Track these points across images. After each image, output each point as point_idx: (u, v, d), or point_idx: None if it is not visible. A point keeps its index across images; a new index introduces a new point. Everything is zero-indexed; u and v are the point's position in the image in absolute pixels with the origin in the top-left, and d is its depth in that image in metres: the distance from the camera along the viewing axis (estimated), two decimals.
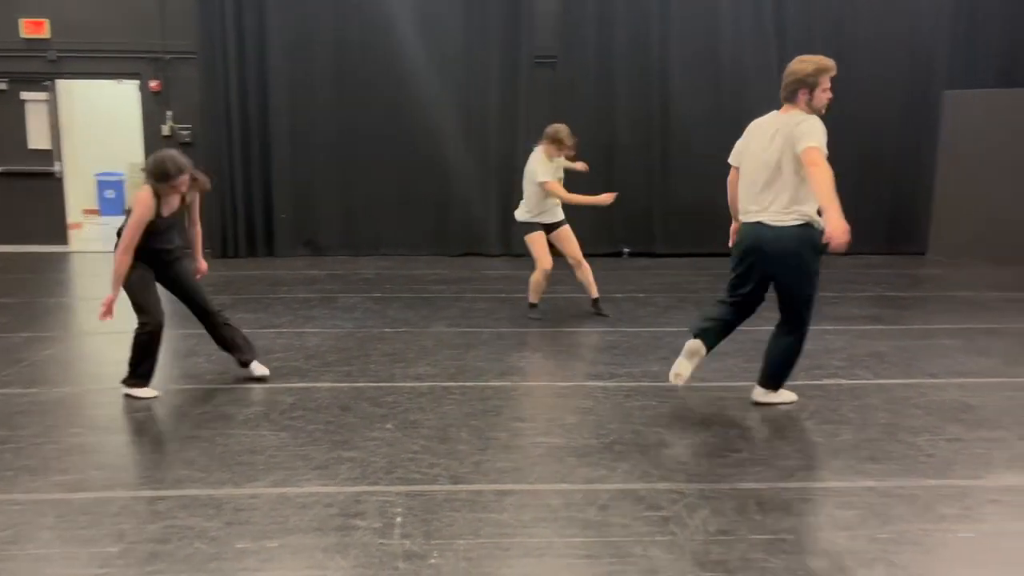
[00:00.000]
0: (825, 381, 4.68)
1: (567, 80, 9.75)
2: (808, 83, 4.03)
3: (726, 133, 9.69)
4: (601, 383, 4.66)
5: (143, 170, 4.47)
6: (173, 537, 2.82)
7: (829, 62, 4.07)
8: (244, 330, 5.85)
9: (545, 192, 6.10)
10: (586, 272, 6.37)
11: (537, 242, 6.20)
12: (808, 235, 3.93)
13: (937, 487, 3.26)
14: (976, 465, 3.49)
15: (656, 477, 3.35)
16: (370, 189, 9.77)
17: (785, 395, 4.29)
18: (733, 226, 4.44)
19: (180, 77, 9.76)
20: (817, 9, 9.78)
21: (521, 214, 6.32)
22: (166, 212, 4.36)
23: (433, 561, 2.67)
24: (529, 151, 6.46)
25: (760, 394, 4.26)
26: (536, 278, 6.25)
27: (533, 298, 6.37)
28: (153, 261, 4.45)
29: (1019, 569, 2.65)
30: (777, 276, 4.05)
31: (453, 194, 9.80)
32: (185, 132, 9.82)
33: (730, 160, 4.41)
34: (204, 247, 4.94)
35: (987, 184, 9.27)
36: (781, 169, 3.98)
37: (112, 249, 4.40)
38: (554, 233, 6.31)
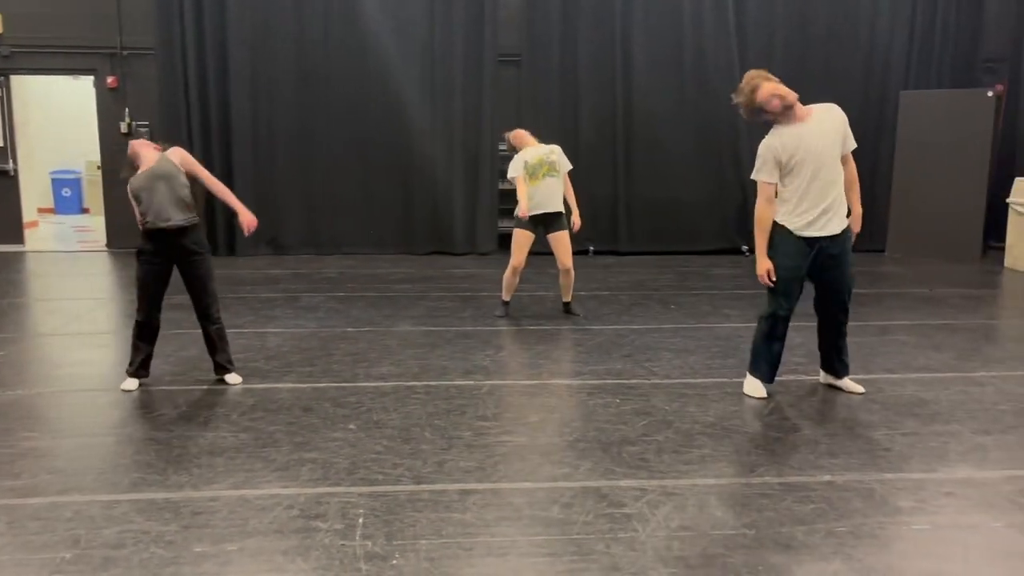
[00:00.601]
0: (786, 377, 4.73)
1: (532, 79, 9.76)
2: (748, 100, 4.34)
3: (687, 133, 9.91)
4: (565, 381, 4.67)
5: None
6: (128, 542, 2.77)
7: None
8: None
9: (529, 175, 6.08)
10: (569, 282, 6.31)
11: (519, 238, 6.11)
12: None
13: (893, 481, 3.32)
14: (931, 459, 3.56)
15: (619, 474, 3.37)
16: (333, 187, 9.69)
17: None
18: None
19: (138, 73, 9.60)
20: (778, 10, 9.91)
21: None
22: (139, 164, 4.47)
23: (395, 562, 2.66)
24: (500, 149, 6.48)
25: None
26: (506, 274, 6.22)
27: (506, 295, 6.36)
28: (164, 246, 4.49)
29: (973, 560, 2.71)
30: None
31: (418, 192, 9.76)
32: (143, 129, 9.66)
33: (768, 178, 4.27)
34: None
35: (942, 183, 9.46)
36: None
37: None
38: (552, 233, 6.16)
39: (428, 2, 9.55)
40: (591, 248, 9.97)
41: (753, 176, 4.23)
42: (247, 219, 4.80)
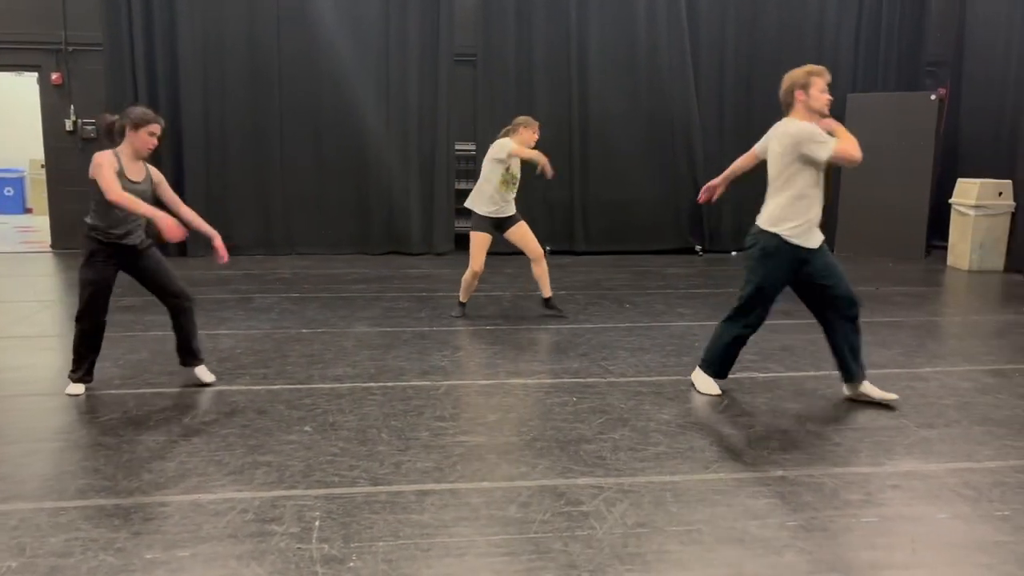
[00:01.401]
0: (739, 375, 4.81)
1: (487, 78, 9.77)
2: (800, 83, 4.18)
3: (641, 130, 10.01)
4: (522, 380, 4.68)
5: (113, 123, 4.33)
6: (76, 550, 2.70)
7: (817, 68, 4.25)
8: (155, 332, 5.69)
9: (505, 173, 6.04)
10: (544, 270, 6.24)
11: (478, 241, 6.08)
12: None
13: (842, 474, 3.39)
14: (878, 453, 3.65)
15: (576, 472, 3.39)
16: (287, 187, 9.57)
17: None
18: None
19: (84, 70, 9.37)
20: (729, 12, 10.06)
21: (473, 201, 6.17)
22: (133, 175, 4.25)
23: (352, 564, 2.64)
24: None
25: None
26: (466, 277, 6.19)
27: (463, 296, 6.34)
28: (119, 255, 4.34)
29: (919, 551, 2.78)
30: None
31: (373, 192, 9.70)
32: (90, 127, 9.44)
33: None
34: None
35: (888, 184, 9.71)
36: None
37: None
38: (510, 230, 6.15)
39: (383, 1, 9.49)
40: (547, 248, 9.99)
41: (825, 152, 4.12)
42: (222, 248, 4.59)
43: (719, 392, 4.43)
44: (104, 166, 4.08)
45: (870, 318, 6.40)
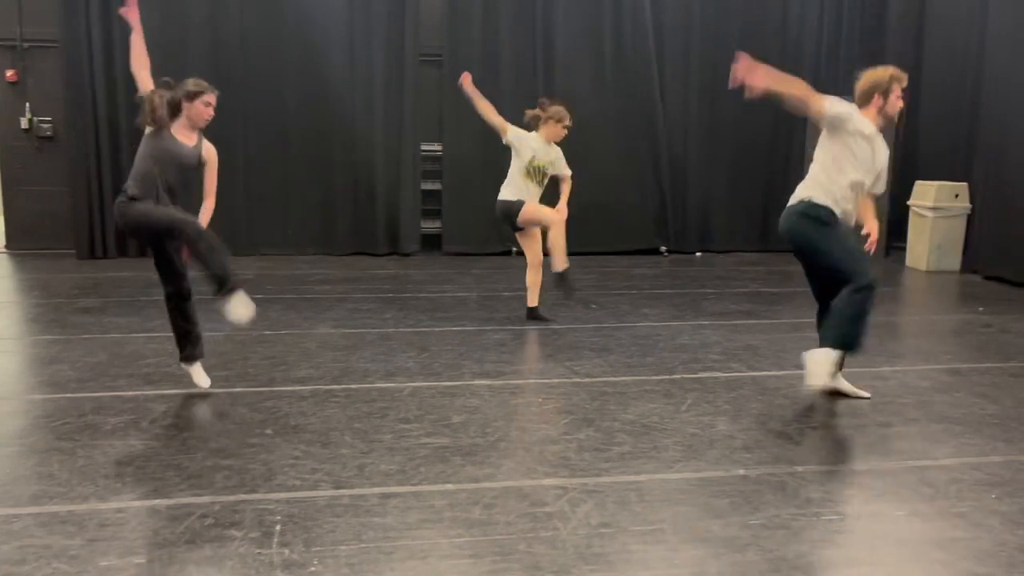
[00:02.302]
0: (702, 374, 4.84)
1: (453, 78, 9.72)
2: (883, 88, 4.23)
3: (607, 131, 10.04)
4: (487, 381, 4.67)
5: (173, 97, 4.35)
6: (30, 558, 2.63)
7: (899, 72, 4.32)
8: (113, 335, 5.58)
9: (528, 167, 6.04)
10: (536, 280, 6.21)
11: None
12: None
13: (803, 473, 3.43)
14: (839, 451, 3.70)
15: (541, 473, 3.38)
16: (250, 187, 9.45)
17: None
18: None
19: (40, 67, 9.18)
20: (694, 10, 10.14)
21: (504, 192, 6.11)
22: (184, 139, 4.32)
23: (313, 569, 2.60)
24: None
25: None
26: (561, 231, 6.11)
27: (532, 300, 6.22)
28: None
29: (879, 547, 2.82)
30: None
31: (339, 192, 9.62)
32: (46, 125, 9.25)
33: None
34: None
35: None
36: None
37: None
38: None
39: (348, 1, 9.42)
40: (514, 249, 9.99)
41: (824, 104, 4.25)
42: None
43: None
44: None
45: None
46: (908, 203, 9.40)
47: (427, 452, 3.60)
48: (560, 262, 5.98)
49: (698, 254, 10.10)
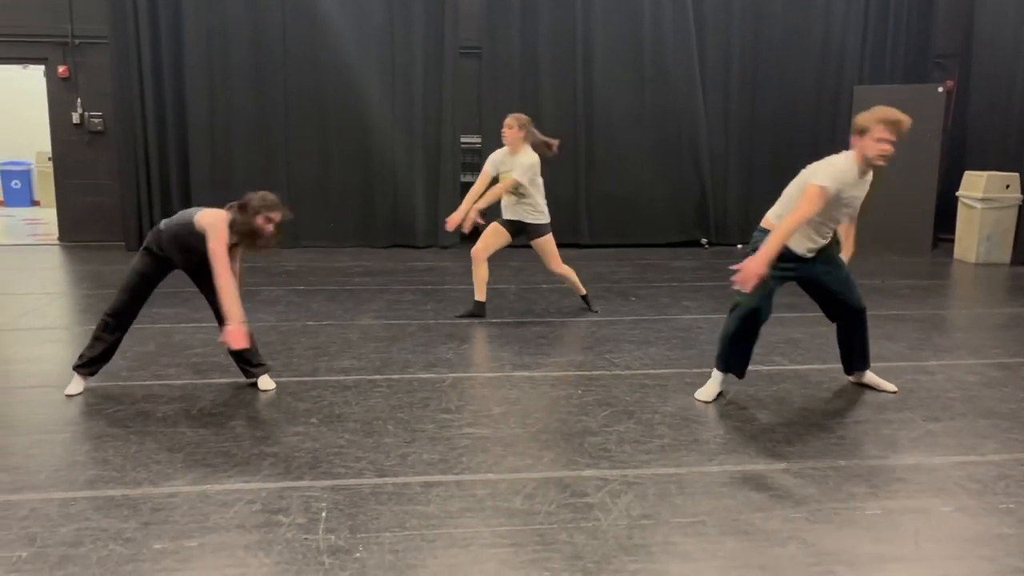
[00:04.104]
0: None
1: (492, 71, 9.76)
2: (860, 129, 4.01)
3: (646, 125, 9.99)
4: (527, 373, 4.69)
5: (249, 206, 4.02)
6: (86, 539, 2.73)
7: (894, 115, 3.95)
8: (161, 325, 5.72)
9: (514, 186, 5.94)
10: (572, 274, 6.25)
11: (488, 232, 6.08)
12: None
13: (847, 467, 3.40)
14: (883, 446, 3.65)
15: (581, 465, 3.40)
16: (292, 180, 9.58)
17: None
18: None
19: (90, 63, 9.40)
20: (735, 5, 10.02)
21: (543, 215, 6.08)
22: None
23: (358, 555, 2.66)
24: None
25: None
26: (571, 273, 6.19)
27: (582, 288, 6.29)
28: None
29: (923, 543, 2.79)
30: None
31: (378, 185, 9.70)
32: (96, 120, 9.47)
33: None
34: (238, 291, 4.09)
35: (894, 176, 9.67)
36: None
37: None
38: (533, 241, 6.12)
39: None
40: None
41: (818, 182, 3.88)
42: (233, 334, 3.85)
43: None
44: (219, 236, 3.92)
45: (876, 311, 6.40)
46: (957, 194, 9.21)
47: (468, 442, 3.64)
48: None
49: (739, 246, 10.00)
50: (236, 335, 3.77)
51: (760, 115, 10.25)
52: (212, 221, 3.97)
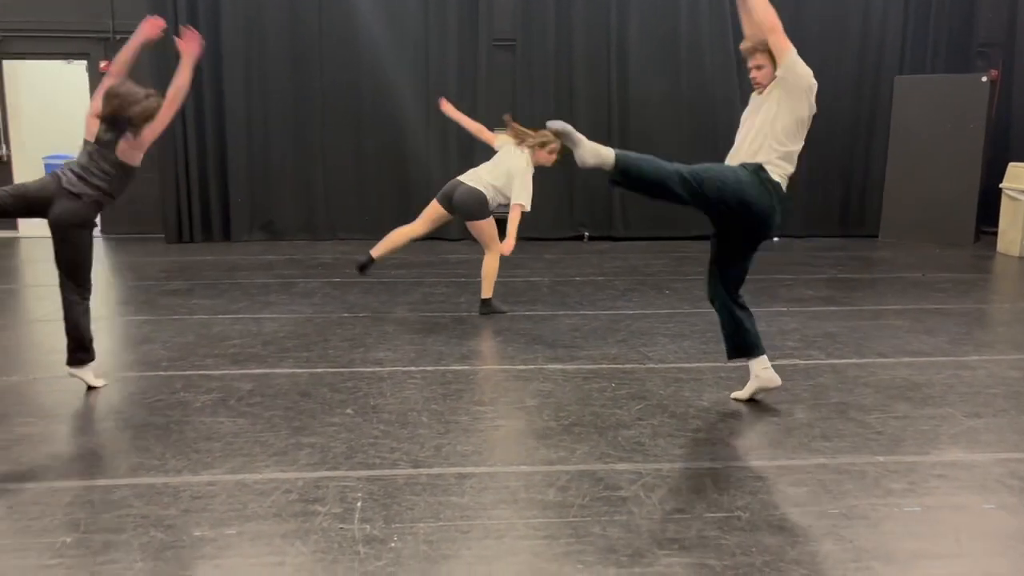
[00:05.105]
0: (780, 362, 4.76)
1: (526, 64, 9.74)
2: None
3: (682, 115, 9.90)
4: (561, 366, 4.69)
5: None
6: (128, 526, 2.79)
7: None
8: (200, 316, 5.81)
9: (505, 202, 5.85)
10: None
11: (494, 224, 5.92)
12: None
13: (885, 463, 3.35)
14: (923, 442, 3.60)
15: (615, 458, 3.40)
16: (328, 172, 9.68)
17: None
18: None
19: None
20: None
21: (488, 194, 5.86)
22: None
23: (393, 545, 2.68)
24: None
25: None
26: (495, 265, 5.93)
27: (490, 292, 5.95)
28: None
29: (963, 540, 2.75)
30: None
31: (412, 178, 9.75)
32: None
33: None
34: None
35: (936, 168, 9.49)
36: None
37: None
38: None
39: None
40: (586, 234, 9.99)
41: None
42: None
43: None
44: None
45: (917, 305, 6.29)
46: (1000, 186, 9.01)
47: (502, 434, 3.66)
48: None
49: (775, 239, 9.89)
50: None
51: None
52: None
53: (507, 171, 5.87)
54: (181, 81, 4.19)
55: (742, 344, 4.02)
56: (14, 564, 2.57)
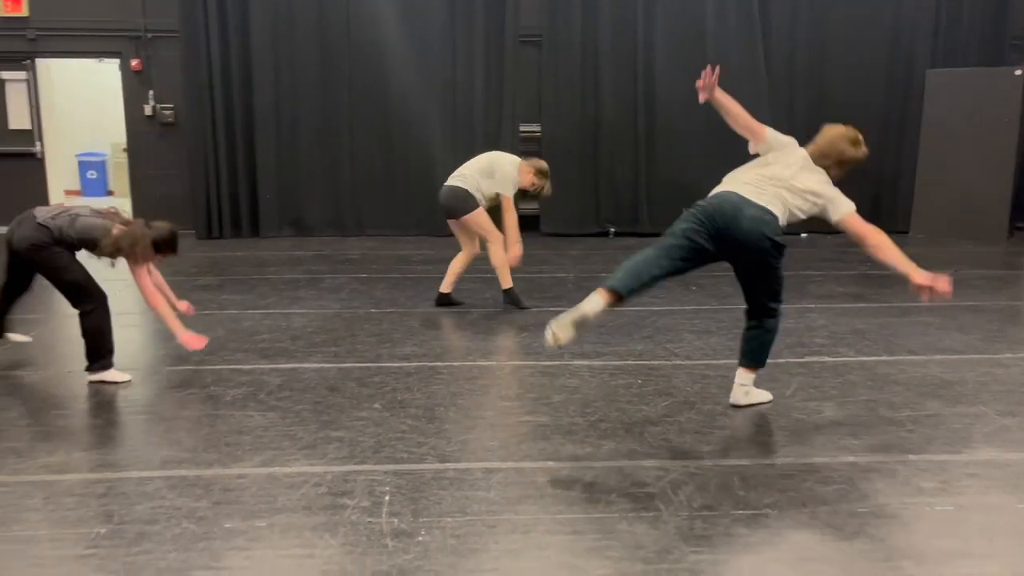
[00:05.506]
0: (808, 359, 4.73)
1: (553, 59, 9.72)
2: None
3: (710, 112, 9.77)
4: (587, 362, 4.69)
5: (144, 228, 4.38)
6: (161, 517, 2.84)
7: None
8: (230, 311, 5.88)
9: (495, 198, 5.83)
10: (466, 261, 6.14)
11: (485, 214, 5.89)
12: None
13: (916, 462, 3.32)
14: (955, 440, 3.55)
15: (641, 454, 3.39)
16: (355, 169, 9.73)
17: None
18: None
19: (162, 56, 9.66)
20: None
21: (474, 189, 5.82)
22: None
23: (421, 539, 2.70)
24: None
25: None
26: (501, 254, 5.90)
27: (508, 281, 6.00)
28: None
29: (995, 540, 2.71)
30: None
31: (439, 174, 9.73)
32: (168, 112, 9.74)
33: None
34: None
35: (968, 163, 9.34)
36: None
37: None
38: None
39: None
40: (612, 230, 9.96)
41: (847, 209, 3.70)
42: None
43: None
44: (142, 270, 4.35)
45: (948, 301, 6.19)
46: None
47: (528, 430, 3.66)
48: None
49: (803, 235, 9.80)
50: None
51: (828, 101, 9.98)
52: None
53: (489, 163, 5.89)
54: (151, 294, 4.38)
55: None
56: (50, 554, 2.62)
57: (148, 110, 9.73)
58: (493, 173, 5.84)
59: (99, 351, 4.29)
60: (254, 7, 9.32)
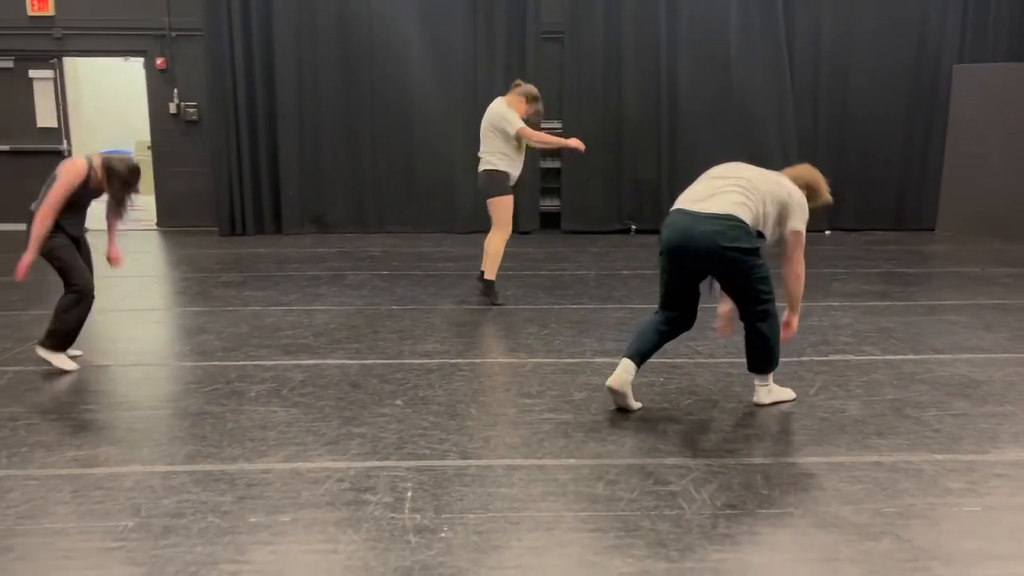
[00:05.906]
0: (832, 357, 4.69)
1: (575, 56, 9.70)
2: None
3: (732, 108, 9.77)
4: (608, 359, 4.68)
5: (113, 164, 4.59)
6: (187, 511, 2.87)
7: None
8: (253, 307, 5.92)
9: (517, 141, 5.84)
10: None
11: (511, 204, 5.94)
12: None
13: (943, 462, 3.28)
14: (982, 440, 3.51)
15: (664, 452, 3.38)
16: (377, 166, 9.76)
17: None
18: None
19: (186, 55, 9.74)
20: None
21: (502, 164, 5.84)
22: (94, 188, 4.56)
23: (443, 535, 2.71)
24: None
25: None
26: (501, 246, 5.95)
27: (494, 274, 6.03)
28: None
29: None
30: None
31: (460, 172, 9.78)
32: (192, 110, 9.82)
33: None
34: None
35: (996, 160, 9.21)
36: None
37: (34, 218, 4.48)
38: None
39: None
40: (633, 227, 9.92)
41: (802, 227, 3.79)
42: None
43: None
44: (69, 176, 4.59)
45: (975, 300, 6.13)
46: None
47: (550, 427, 3.66)
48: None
49: (827, 232, 9.72)
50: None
51: (852, 97, 9.90)
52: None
53: (490, 126, 5.89)
54: (46, 210, 4.51)
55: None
56: (78, 547, 2.66)
57: (172, 108, 9.81)
58: (497, 129, 5.86)
59: (57, 332, 4.46)
60: (277, 6, 9.37)
